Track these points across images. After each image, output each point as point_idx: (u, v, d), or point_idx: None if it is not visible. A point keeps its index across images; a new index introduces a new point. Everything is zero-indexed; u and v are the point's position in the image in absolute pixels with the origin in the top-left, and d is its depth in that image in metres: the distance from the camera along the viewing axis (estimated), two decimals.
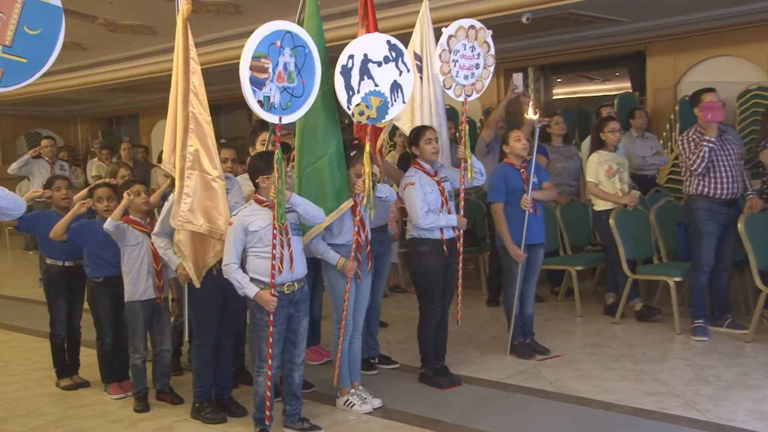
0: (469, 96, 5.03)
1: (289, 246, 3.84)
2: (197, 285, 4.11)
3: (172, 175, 4.13)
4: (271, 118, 3.76)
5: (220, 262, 4.04)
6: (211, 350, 4.34)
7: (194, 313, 4.29)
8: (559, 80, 11.91)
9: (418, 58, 5.20)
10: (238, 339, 4.82)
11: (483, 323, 6.50)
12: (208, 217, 4.05)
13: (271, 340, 3.89)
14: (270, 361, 3.92)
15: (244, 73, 3.63)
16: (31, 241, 12.23)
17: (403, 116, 5.18)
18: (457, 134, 7.53)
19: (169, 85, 4.15)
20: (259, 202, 3.94)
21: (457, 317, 5.02)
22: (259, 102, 3.68)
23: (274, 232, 3.77)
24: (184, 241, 4.08)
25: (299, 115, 3.90)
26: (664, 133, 9.24)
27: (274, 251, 3.78)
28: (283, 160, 3.74)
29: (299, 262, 3.97)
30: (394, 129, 6.55)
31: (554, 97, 11.68)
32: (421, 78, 5.16)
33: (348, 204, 4.24)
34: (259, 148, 4.86)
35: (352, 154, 4.35)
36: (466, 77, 4.99)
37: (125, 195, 4.55)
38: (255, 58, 3.63)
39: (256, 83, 3.66)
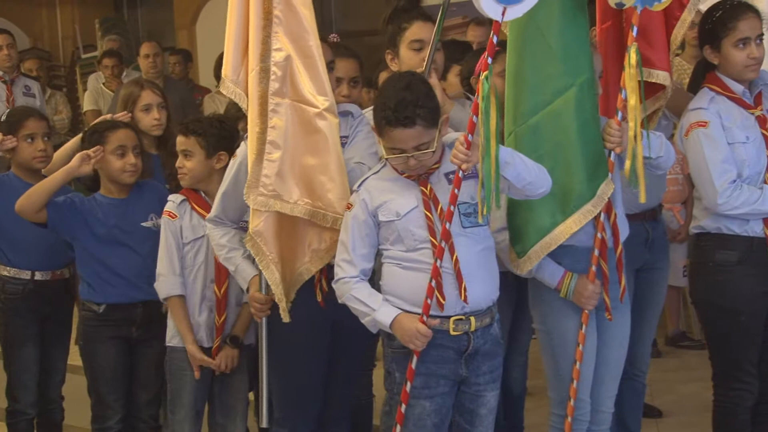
0: None
1: (452, 251, 2.91)
2: (285, 318, 3.27)
3: (242, 106, 3.39)
4: (491, 9, 2.96)
5: (330, 275, 3.26)
6: None
7: (277, 372, 3.45)
8: None
9: None
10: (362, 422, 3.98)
11: None
12: (309, 186, 3.25)
13: (420, 421, 3.09)
14: None
15: None
16: None
17: None
18: None
19: None
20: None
21: None
22: None
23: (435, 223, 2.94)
24: (269, 232, 3.26)
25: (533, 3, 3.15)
26: None
27: (435, 261, 2.88)
28: (492, 91, 2.80)
29: (479, 279, 3.01)
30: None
31: None
32: None
33: (610, 188, 3.18)
34: (406, 56, 3.64)
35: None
36: None
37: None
38: None
39: None
